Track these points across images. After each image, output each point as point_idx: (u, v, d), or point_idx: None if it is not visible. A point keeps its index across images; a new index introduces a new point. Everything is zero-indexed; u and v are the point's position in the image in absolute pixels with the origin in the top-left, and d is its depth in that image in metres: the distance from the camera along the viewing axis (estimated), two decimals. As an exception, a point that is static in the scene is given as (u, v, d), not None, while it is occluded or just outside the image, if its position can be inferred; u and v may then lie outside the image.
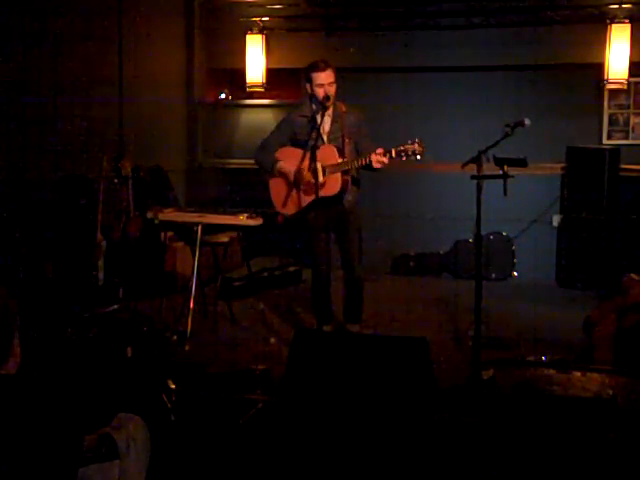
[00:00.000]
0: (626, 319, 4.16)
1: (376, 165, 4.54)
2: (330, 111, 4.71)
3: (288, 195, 4.77)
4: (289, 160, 4.75)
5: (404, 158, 4.50)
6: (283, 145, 4.82)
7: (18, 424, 2.01)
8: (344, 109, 4.75)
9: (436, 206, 7.40)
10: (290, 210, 4.80)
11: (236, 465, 3.26)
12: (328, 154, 4.62)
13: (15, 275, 5.25)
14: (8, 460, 1.97)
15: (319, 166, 4.54)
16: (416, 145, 4.47)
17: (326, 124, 4.72)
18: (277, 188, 4.84)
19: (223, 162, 8.20)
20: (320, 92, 4.59)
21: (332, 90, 4.62)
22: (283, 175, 4.78)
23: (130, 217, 6.12)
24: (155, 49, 7.48)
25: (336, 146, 4.67)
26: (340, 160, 4.62)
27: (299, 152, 4.70)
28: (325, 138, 4.72)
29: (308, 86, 4.67)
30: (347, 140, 4.69)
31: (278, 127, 4.95)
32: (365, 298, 5.08)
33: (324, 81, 4.59)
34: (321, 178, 4.56)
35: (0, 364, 2.11)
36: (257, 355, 4.75)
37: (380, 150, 4.51)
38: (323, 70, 4.60)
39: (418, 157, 4.49)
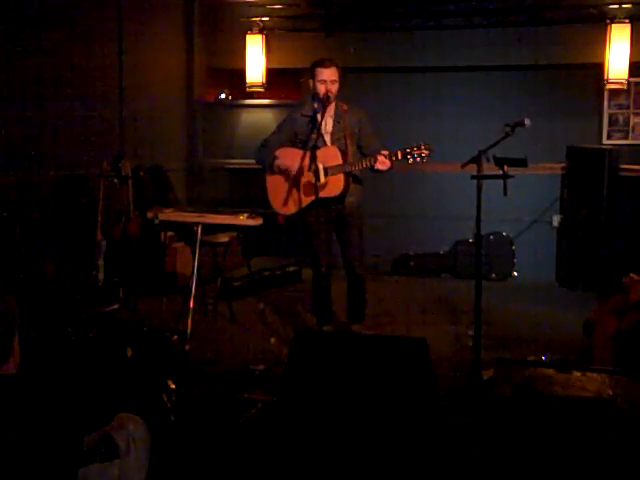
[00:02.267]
0: (626, 319, 4.15)
1: (378, 166, 4.53)
2: (332, 111, 4.70)
3: (288, 194, 4.74)
4: (289, 160, 4.72)
5: (410, 160, 4.51)
6: (283, 144, 4.81)
7: (18, 424, 2.01)
8: (346, 108, 4.73)
9: (436, 206, 7.40)
10: (290, 210, 4.76)
11: (236, 465, 3.26)
12: (331, 155, 4.61)
13: (15, 275, 5.25)
14: (8, 460, 1.97)
15: (321, 167, 4.52)
16: (423, 148, 4.48)
17: (328, 124, 4.70)
18: (275, 186, 4.79)
19: (223, 162, 8.21)
20: (321, 89, 4.59)
21: (334, 89, 4.60)
22: (283, 173, 4.73)
23: (130, 217, 6.12)
24: (155, 49, 7.48)
25: (339, 147, 4.66)
26: (342, 161, 4.61)
27: (299, 152, 4.68)
28: (328, 138, 4.71)
29: (311, 81, 4.67)
30: (349, 141, 4.68)
31: (279, 126, 4.93)
32: (366, 297, 5.09)
33: (327, 78, 4.59)
34: (323, 179, 4.55)
35: (0, 364, 2.11)
36: (257, 355, 4.75)
37: (385, 152, 4.51)
38: (327, 67, 4.60)
39: (424, 160, 4.50)
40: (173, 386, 3.70)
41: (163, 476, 2.94)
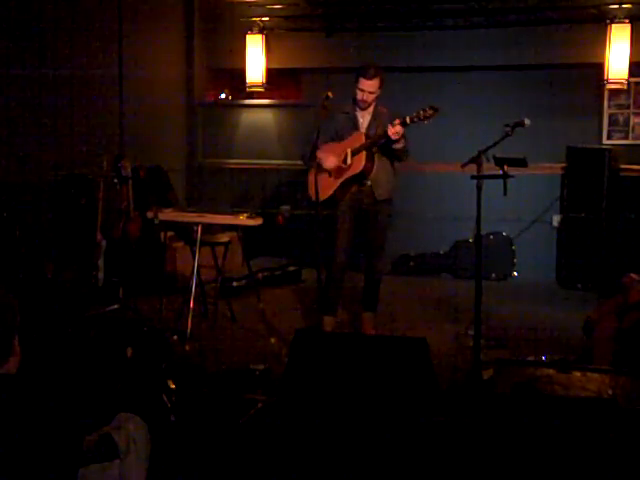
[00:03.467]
0: (626, 319, 4.15)
1: (393, 136, 4.70)
2: (370, 110, 4.97)
3: (323, 182, 4.86)
4: (328, 154, 4.91)
5: (418, 121, 4.70)
6: (325, 141, 4.95)
7: (18, 424, 2.01)
8: (384, 111, 4.96)
9: (436, 206, 7.40)
10: (325, 194, 4.89)
11: (236, 465, 3.26)
12: (356, 139, 4.90)
13: (15, 275, 5.24)
14: (8, 460, 1.97)
15: (349, 151, 4.84)
16: (428, 109, 4.70)
17: (365, 121, 4.98)
18: (312, 178, 4.90)
19: (223, 162, 8.21)
20: (359, 95, 4.87)
21: (370, 98, 4.88)
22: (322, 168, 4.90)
23: (130, 217, 6.12)
24: (155, 49, 7.48)
25: (366, 134, 4.89)
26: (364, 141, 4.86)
27: (337, 145, 4.93)
28: (363, 132, 4.96)
29: (354, 84, 4.88)
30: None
31: (322, 126, 5.00)
32: (380, 290, 5.23)
33: (366, 88, 4.83)
34: (349, 160, 4.86)
35: (0, 363, 2.11)
36: (257, 355, 4.75)
37: (396, 121, 4.71)
38: (369, 78, 4.82)
39: (431, 119, 4.73)
40: (173, 386, 3.70)
41: (163, 476, 2.94)
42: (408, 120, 4.69)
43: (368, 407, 3.19)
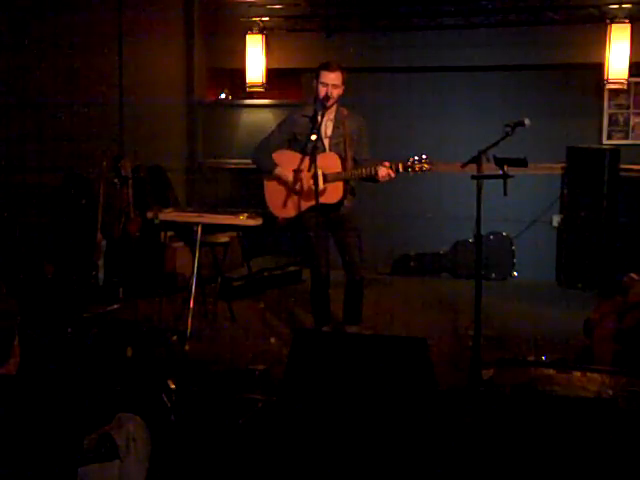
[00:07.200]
0: (626, 319, 4.15)
1: (381, 179, 4.58)
2: (332, 115, 4.72)
3: (286, 198, 4.76)
4: (287, 164, 4.73)
5: (411, 173, 4.58)
6: (282, 146, 4.82)
7: (18, 424, 2.01)
8: (346, 114, 4.75)
9: (436, 206, 7.40)
10: (289, 213, 4.79)
11: (236, 465, 3.26)
12: (330, 162, 4.64)
13: (15, 275, 5.25)
14: (8, 460, 1.97)
15: (320, 172, 4.54)
16: (424, 162, 4.55)
17: (328, 128, 4.72)
18: (273, 190, 4.82)
19: (223, 162, 8.21)
20: (322, 91, 4.61)
21: (335, 92, 4.62)
22: (282, 181, 4.76)
23: (130, 217, 6.12)
24: (155, 49, 7.48)
25: (338, 154, 4.68)
26: (341, 169, 4.64)
27: (297, 156, 4.69)
28: (326, 142, 4.72)
29: (315, 83, 4.68)
30: (348, 147, 4.70)
31: (279, 127, 4.93)
32: (365, 298, 5.08)
33: (329, 81, 4.60)
34: (321, 185, 4.57)
35: (0, 364, 2.11)
36: (257, 355, 4.75)
37: (386, 164, 4.56)
38: (331, 71, 4.61)
39: (425, 172, 4.58)
40: (173, 386, 3.70)
41: (163, 476, 2.94)
42: (401, 168, 4.58)
43: (368, 407, 3.19)
